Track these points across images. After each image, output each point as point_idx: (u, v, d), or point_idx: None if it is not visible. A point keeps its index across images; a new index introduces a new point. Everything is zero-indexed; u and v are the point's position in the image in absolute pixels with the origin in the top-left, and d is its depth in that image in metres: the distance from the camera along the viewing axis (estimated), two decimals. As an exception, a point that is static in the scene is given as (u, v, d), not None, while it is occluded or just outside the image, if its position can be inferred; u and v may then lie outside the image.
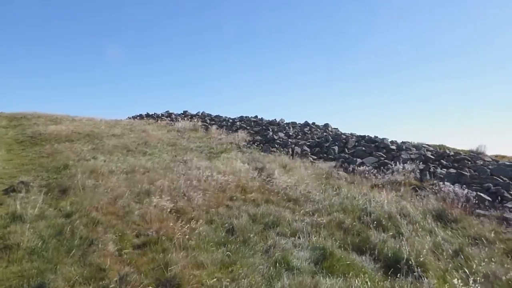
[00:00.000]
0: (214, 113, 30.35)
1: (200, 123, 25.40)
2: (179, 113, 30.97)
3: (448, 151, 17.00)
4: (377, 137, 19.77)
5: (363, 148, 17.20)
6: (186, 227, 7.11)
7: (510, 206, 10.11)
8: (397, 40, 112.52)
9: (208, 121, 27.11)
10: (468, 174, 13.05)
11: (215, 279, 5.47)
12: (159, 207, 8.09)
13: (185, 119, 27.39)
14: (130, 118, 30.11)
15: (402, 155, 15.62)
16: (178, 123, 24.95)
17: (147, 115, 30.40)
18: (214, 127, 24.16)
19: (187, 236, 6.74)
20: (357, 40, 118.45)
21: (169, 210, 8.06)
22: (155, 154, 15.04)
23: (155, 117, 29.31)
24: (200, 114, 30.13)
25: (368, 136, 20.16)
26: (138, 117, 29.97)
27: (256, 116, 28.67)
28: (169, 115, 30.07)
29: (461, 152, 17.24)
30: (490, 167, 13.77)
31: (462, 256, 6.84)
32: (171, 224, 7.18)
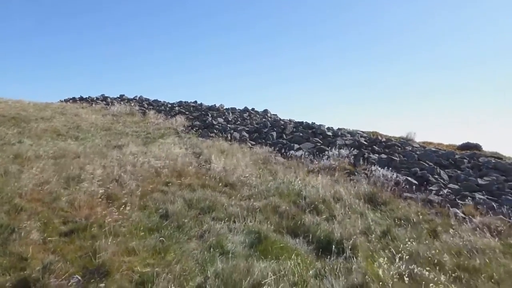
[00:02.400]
0: (152, 98, 29.55)
1: (137, 108, 24.60)
2: (115, 97, 29.80)
3: (380, 138, 17.74)
4: (314, 123, 20.19)
5: (301, 134, 17.51)
6: (118, 213, 6.87)
7: (434, 189, 10.74)
8: (332, 26, 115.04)
9: (145, 105, 26.32)
10: (398, 159, 13.70)
11: (147, 266, 5.34)
12: (89, 193, 7.73)
13: (122, 103, 26.35)
14: (62, 101, 28.51)
15: (337, 141, 16.08)
16: (114, 107, 23.99)
17: (81, 99, 28.94)
18: (152, 111, 23.51)
19: (118, 223, 6.50)
20: (294, 26, 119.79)
21: (100, 196, 7.71)
22: (88, 138, 14.40)
23: (90, 100, 27.99)
24: (137, 99, 29.19)
25: (306, 122, 20.54)
26: (71, 101, 28.45)
27: (195, 102, 28.25)
28: (104, 98, 28.84)
29: (392, 139, 18.06)
30: (417, 152, 14.56)
31: (389, 237, 7.17)
32: (102, 210, 6.90)
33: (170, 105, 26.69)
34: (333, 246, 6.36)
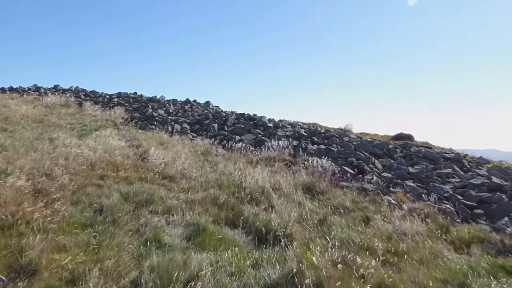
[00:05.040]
0: (89, 89, 28.41)
1: (73, 99, 23.55)
2: (49, 87, 28.37)
3: (320, 129, 18.20)
4: (256, 115, 20.35)
5: (242, 126, 17.59)
6: (48, 209, 6.53)
7: (368, 178, 11.19)
8: (274, 20, 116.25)
9: (82, 96, 25.26)
10: (336, 149, 14.12)
11: (78, 262, 5.13)
12: (16, 188, 7.27)
13: (56, 94, 25.02)
14: (-12, 91, 26.72)
15: (278, 133, 16.30)
16: (47, 98, 22.72)
17: (11, 89, 27.24)
18: (89, 103, 22.56)
19: (48, 219, 6.18)
20: (235, 20, 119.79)
21: (29, 191, 7.29)
22: (18, 131, 13.55)
23: (21, 91, 26.42)
24: (73, 89, 27.97)
25: (247, 114, 20.65)
26: (-1, 91, 26.74)
27: (135, 93, 27.52)
28: (37, 89, 27.32)
29: (331, 130, 18.60)
30: (354, 143, 15.09)
31: (325, 225, 7.39)
32: (30, 206, 6.52)
33: (108, 96, 25.82)
34: (271, 236, 6.47)
